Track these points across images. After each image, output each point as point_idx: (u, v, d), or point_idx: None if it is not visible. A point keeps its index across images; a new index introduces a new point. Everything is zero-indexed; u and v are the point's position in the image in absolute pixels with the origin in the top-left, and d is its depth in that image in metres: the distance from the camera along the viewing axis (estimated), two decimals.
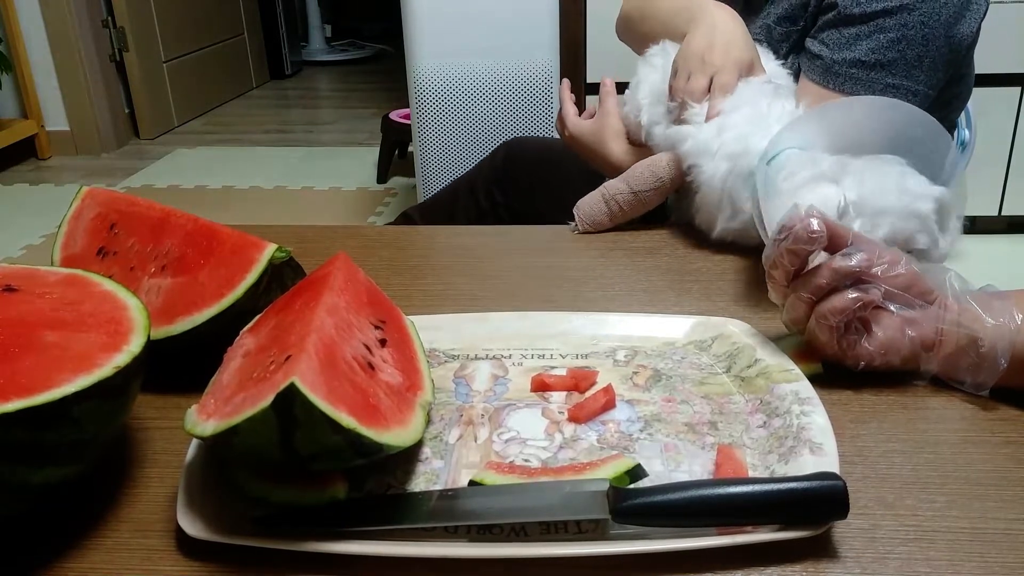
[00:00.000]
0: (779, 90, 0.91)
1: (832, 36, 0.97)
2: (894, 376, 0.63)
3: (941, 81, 0.99)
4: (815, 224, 0.58)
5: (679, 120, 0.92)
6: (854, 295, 0.59)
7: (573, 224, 0.93)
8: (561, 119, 1.10)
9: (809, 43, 1.00)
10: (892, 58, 0.95)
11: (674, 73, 0.95)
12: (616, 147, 1.03)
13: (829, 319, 0.59)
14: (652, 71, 1.01)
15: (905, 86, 0.97)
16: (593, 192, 0.93)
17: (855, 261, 0.59)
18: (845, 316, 0.59)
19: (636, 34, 1.15)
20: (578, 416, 0.58)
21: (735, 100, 0.89)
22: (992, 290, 0.63)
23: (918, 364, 0.62)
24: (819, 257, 0.61)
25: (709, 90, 0.91)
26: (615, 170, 0.98)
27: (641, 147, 1.00)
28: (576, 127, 1.08)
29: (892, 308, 0.61)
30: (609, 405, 0.59)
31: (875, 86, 0.96)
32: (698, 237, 0.89)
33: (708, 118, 0.89)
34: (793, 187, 0.73)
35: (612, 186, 0.92)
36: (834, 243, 0.60)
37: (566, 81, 1.14)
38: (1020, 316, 0.59)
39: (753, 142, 0.82)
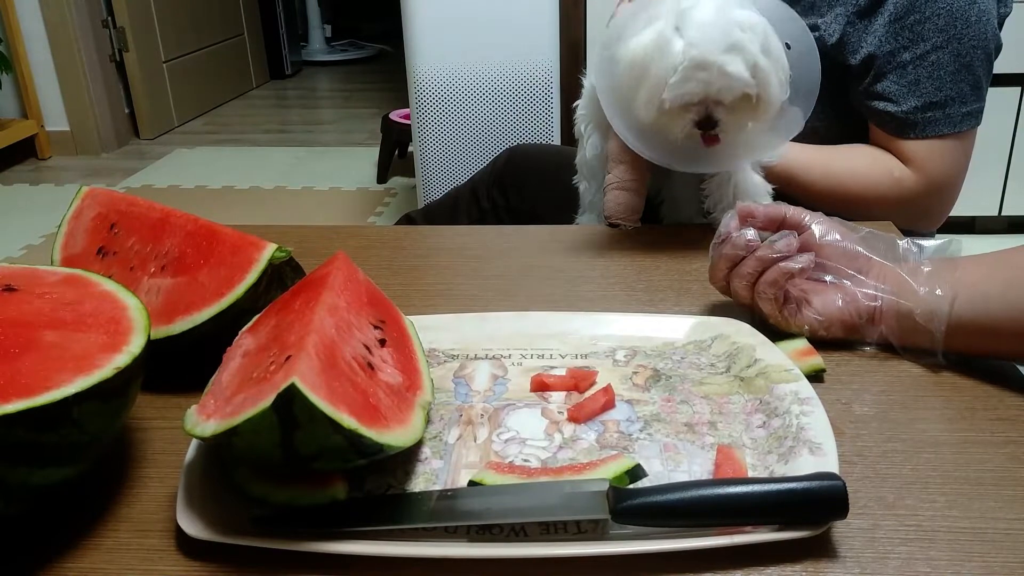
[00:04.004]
0: None
1: (891, 88, 0.96)
2: (893, 375, 0.64)
3: None
4: (750, 234, 0.67)
5: None
6: (784, 267, 0.66)
7: (623, 226, 0.92)
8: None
9: (869, 103, 0.98)
10: (960, 88, 0.95)
11: None
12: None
13: (767, 292, 0.66)
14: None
15: (978, 107, 0.97)
16: (608, 196, 0.92)
17: (779, 245, 0.66)
18: (780, 287, 0.66)
19: None
20: (577, 416, 0.58)
21: None
22: (946, 252, 0.66)
23: (861, 333, 0.67)
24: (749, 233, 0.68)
25: None
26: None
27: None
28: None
29: (826, 279, 0.68)
30: (608, 405, 0.59)
31: (954, 119, 0.96)
32: (698, 237, 0.89)
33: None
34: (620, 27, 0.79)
35: (611, 175, 0.92)
36: (768, 226, 0.68)
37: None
38: (953, 286, 0.62)
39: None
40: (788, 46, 0.78)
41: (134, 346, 0.51)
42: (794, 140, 1.00)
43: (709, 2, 0.76)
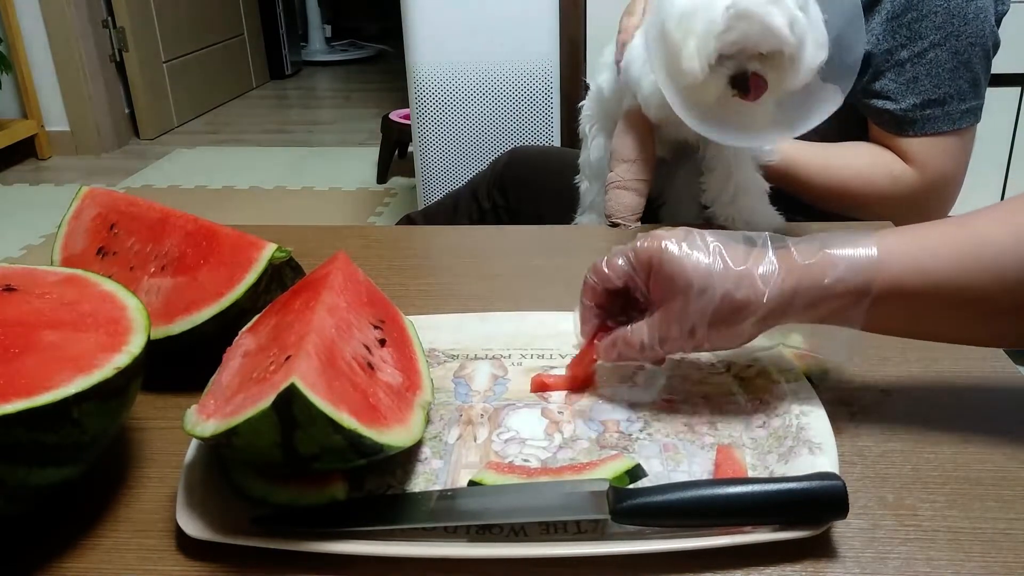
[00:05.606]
0: None
1: (889, 86, 0.96)
2: (893, 375, 0.63)
3: None
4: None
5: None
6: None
7: (623, 226, 0.92)
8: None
9: (868, 101, 0.98)
10: (958, 86, 0.95)
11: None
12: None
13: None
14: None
15: (977, 104, 0.97)
16: (610, 194, 0.92)
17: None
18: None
19: None
20: (575, 372, 0.61)
21: None
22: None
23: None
24: None
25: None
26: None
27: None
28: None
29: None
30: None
31: (953, 116, 0.95)
32: None
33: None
34: None
35: (613, 174, 0.92)
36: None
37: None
38: (876, 243, 0.54)
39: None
40: (826, 21, 0.78)
41: (134, 346, 0.51)
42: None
43: None
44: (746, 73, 0.78)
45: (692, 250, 0.55)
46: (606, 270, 0.59)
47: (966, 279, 0.53)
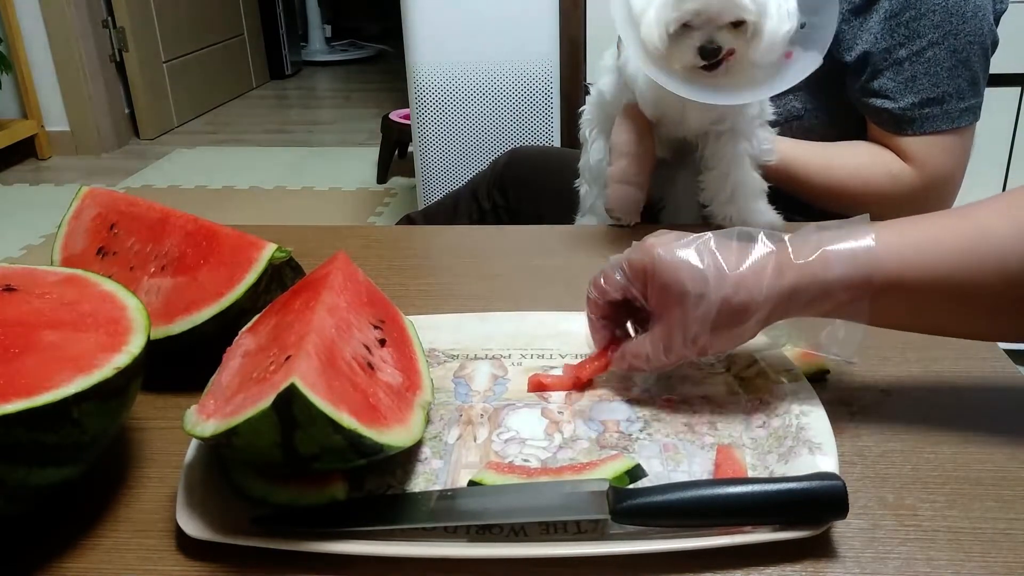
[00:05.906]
0: None
1: (888, 85, 0.96)
2: (893, 375, 0.64)
3: None
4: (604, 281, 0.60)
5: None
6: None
7: (623, 223, 0.91)
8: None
9: (866, 100, 0.98)
10: (957, 84, 0.95)
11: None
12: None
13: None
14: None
15: (976, 103, 0.97)
16: (610, 189, 0.92)
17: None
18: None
19: None
20: (580, 374, 0.60)
21: None
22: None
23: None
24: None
25: None
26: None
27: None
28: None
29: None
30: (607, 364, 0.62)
31: (952, 115, 0.95)
32: None
33: None
34: None
35: (614, 168, 0.92)
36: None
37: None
38: (876, 236, 0.54)
39: None
40: None
41: (134, 346, 0.51)
42: (791, 137, 1.00)
43: None
44: (713, 42, 0.77)
45: (685, 256, 0.55)
46: (604, 284, 0.59)
47: (967, 272, 0.52)
